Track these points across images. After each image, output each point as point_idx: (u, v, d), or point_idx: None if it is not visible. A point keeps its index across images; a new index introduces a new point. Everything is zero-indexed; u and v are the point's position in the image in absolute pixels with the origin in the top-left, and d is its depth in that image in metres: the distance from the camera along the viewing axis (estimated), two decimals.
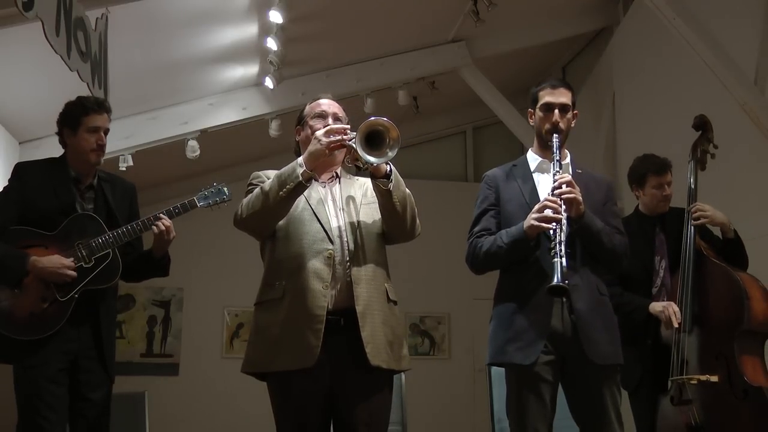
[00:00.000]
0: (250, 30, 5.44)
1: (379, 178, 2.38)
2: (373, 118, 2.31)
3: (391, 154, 2.30)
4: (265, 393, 2.48)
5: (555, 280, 2.45)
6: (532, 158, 2.84)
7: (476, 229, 2.78)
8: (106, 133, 2.98)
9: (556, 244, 2.49)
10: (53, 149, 5.27)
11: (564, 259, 2.46)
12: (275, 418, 2.42)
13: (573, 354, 2.57)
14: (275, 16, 5.14)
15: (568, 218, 2.55)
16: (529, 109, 2.84)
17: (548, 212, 2.54)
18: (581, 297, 2.57)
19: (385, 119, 2.31)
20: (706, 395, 3.04)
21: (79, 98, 3.00)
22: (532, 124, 2.84)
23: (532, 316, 2.58)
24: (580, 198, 2.57)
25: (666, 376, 3.15)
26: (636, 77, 6.06)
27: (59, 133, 3.00)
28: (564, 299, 2.56)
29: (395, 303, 2.50)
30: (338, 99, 2.73)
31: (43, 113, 5.16)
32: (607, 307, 2.69)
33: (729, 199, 3.41)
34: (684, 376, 3.07)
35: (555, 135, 2.70)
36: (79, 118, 2.93)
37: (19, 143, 5.43)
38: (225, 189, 3.14)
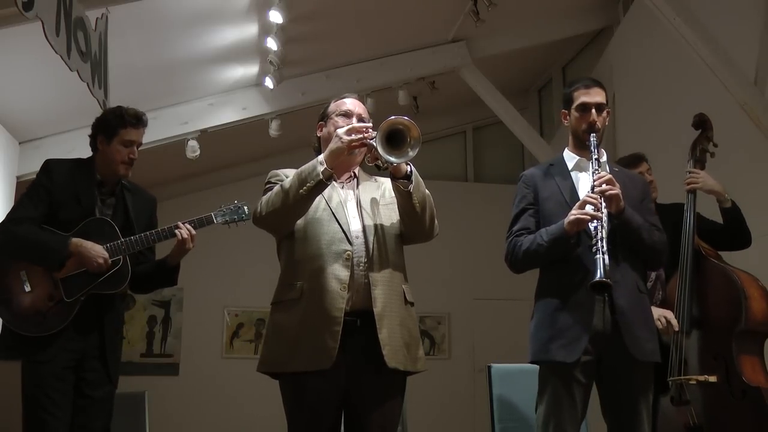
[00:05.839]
0: (250, 30, 5.44)
1: (399, 178, 2.35)
2: (393, 117, 2.28)
3: (412, 153, 2.27)
4: (264, 393, 2.48)
5: (597, 276, 2.45)
6: (569, 157, 2.84)
7: (515, 228, 2.77)
8: (139, 147, 3.00)
9: (597, 241, 2.50)
10: (53, 149, 5.33)
11: (606, 256, 2.48)
12: (287, 419, 2.41)
13: (612, 352, 2.58)
14: (275, 16, 5.15)
15: (608, 214, 2.57)
16: (563, 110, 2.85)
17: (589, 209, 2.55)
18: (622, 294, 2.58)
19: (405, 118, 2.28)
20: (705, 396, 3.04)
21: (120, 109, 3.00)
22: (566, 124, 2.85)
23: (574, 313, 2.57)
24: (620, 194, 2.58)
25: (667, 376, 3.15)
26: (636, 77, 6.06)
27: (92, 137, 3.00)
28: (606, 296, 2.57)
29: (412, 304, 2.49)
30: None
31: (43, 113, 5.20)
32: (646, 304, 2.71)
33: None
34: (683, 377, 3.07)
35: (592, 134, 2.72)
36: (116, 129, 2.94)
37: (19, 143, 5.44)
38: (245, 208, 3.10)
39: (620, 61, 6.39)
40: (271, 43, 5.44)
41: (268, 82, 5.93)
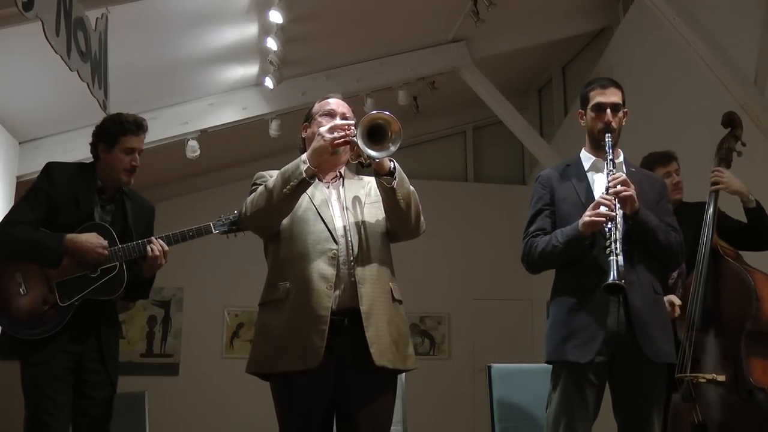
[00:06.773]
0: (250, 30, 5.45)
1: (382, 175, 2.36)
2: (374, 112, 2.29)
3: (393, 148, 2.27)
4: (265, 393, 2.47)
5: (611, 277, 2.46)
6: (586, 157, 2.84)
7: (531, 228, 2.78)
8: (140, 153, 3.00)
9: (611, 242, 2.50)
10: (53, 149, 5.33)
11: (620, 257, 2.48)
12: (278, 419, 2.41)
13: (626, 352, 2.58)
14: (275, 16, 5.15)
15: (623, 215, 2.58)
16: (579, 110, 2.86)
17: (603, 210, 2.55)
18: (637, 295, 2.58)
19: (386, 113, 2.29)
20: (713, 394, 3.02)
21: (120, 116, 2.99)
22: (583, 124, 2.85)
23: (589, 314, 2.58)
24: (635, 195, 2.59)
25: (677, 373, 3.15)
26: (636, 77, 6.06)
27: (93, 145, 2.99)
28: (620, 297, 2.57)
29: (400, 302, 2.48)
30: None
31: (43, 113, 5.20)
32: (662, 306, 2.71)
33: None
34: (690, 374, 3.06)
35: (608, 134, 2.71)
36: (116, 137, 2.93)
37: (19, 143, 5.44)
38: None
39: (620, 62, 6.40)
40: (271, 43, 5.44)
41: (268, 82, 5.93)
